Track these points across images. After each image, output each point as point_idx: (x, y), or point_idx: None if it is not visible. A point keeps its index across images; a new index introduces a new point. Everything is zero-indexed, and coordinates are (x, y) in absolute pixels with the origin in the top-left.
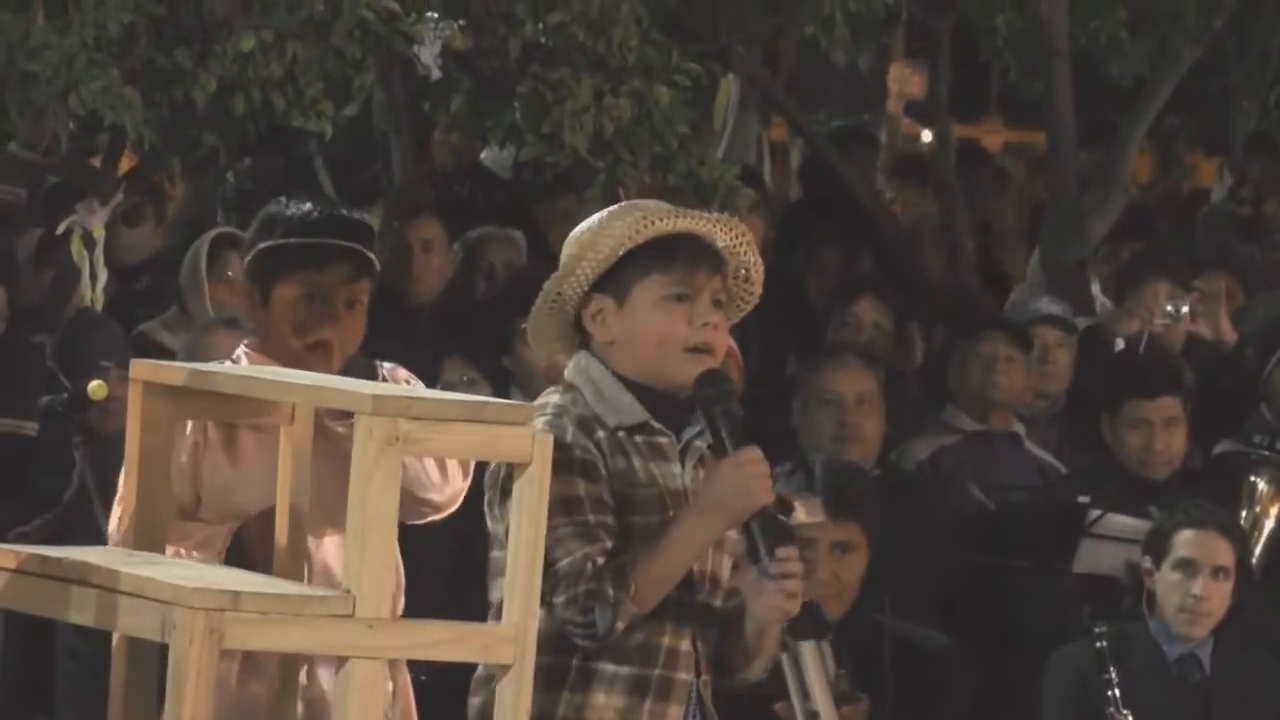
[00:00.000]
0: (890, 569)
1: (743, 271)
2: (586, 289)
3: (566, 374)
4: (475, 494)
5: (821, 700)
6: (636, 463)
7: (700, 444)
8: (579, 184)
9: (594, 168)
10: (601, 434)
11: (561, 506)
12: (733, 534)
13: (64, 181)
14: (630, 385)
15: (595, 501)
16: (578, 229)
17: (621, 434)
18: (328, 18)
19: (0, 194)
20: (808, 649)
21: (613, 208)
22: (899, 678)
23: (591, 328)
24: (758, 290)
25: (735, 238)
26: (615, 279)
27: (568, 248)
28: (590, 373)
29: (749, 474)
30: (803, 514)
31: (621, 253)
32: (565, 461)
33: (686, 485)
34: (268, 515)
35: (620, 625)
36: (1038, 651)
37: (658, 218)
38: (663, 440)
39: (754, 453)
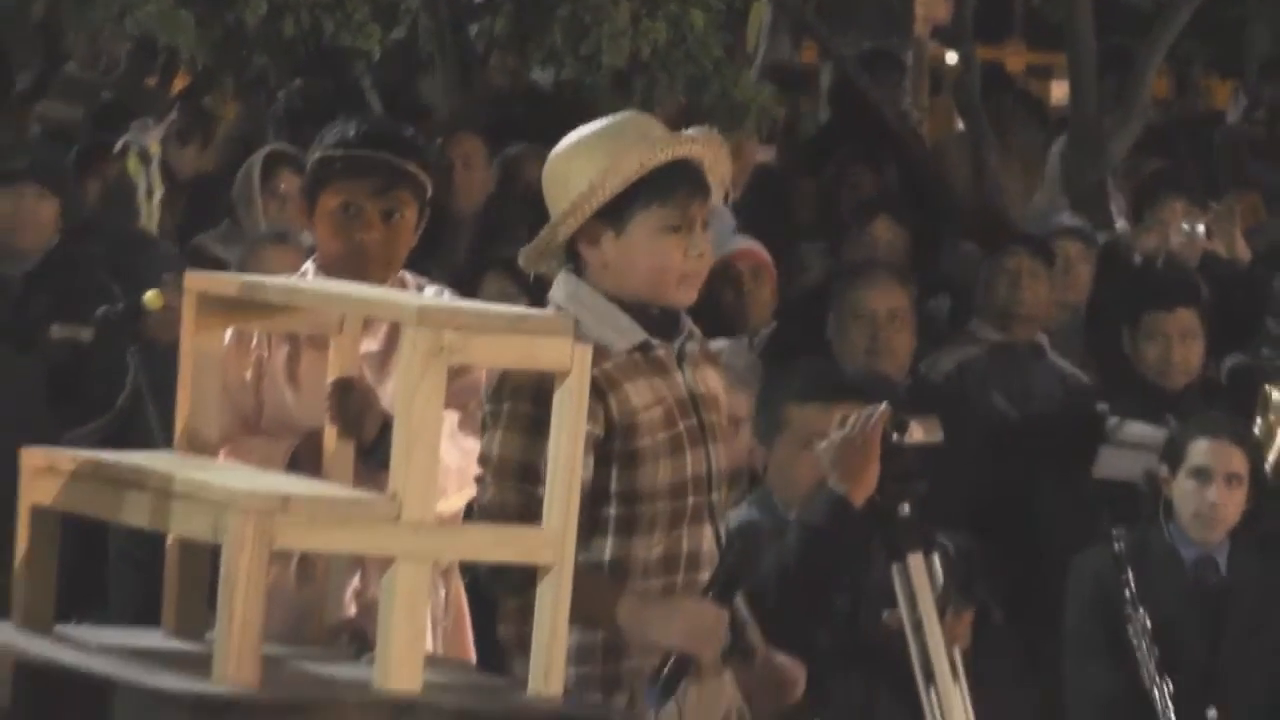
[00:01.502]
0: None
1: (721, 187)
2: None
3: (557, 299)
4: None
5: (925, 610)
6: (641, 383)
7: (693, 346)
8: (615, 106)
9: (631, 89)
10: (605, 364)
11: (518, 468)
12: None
13: (119, 100)
14: (623, 306)
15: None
16: (577, 146)
17: (623, 357)
18: None
19: (57, 111)
20: (914, 561)
21: (610, 128)
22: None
23: (586, 252)
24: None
25: (717, 154)
26: (614, 207)
27: (574, 168)
28: (583, 298)
29: (715, 631)
30: (920, 433)
31: (629, 183)
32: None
33: (690, 388)
34: (319, 435)
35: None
36: (1060, 555)
37: (661, 148)
38: (660, 354)
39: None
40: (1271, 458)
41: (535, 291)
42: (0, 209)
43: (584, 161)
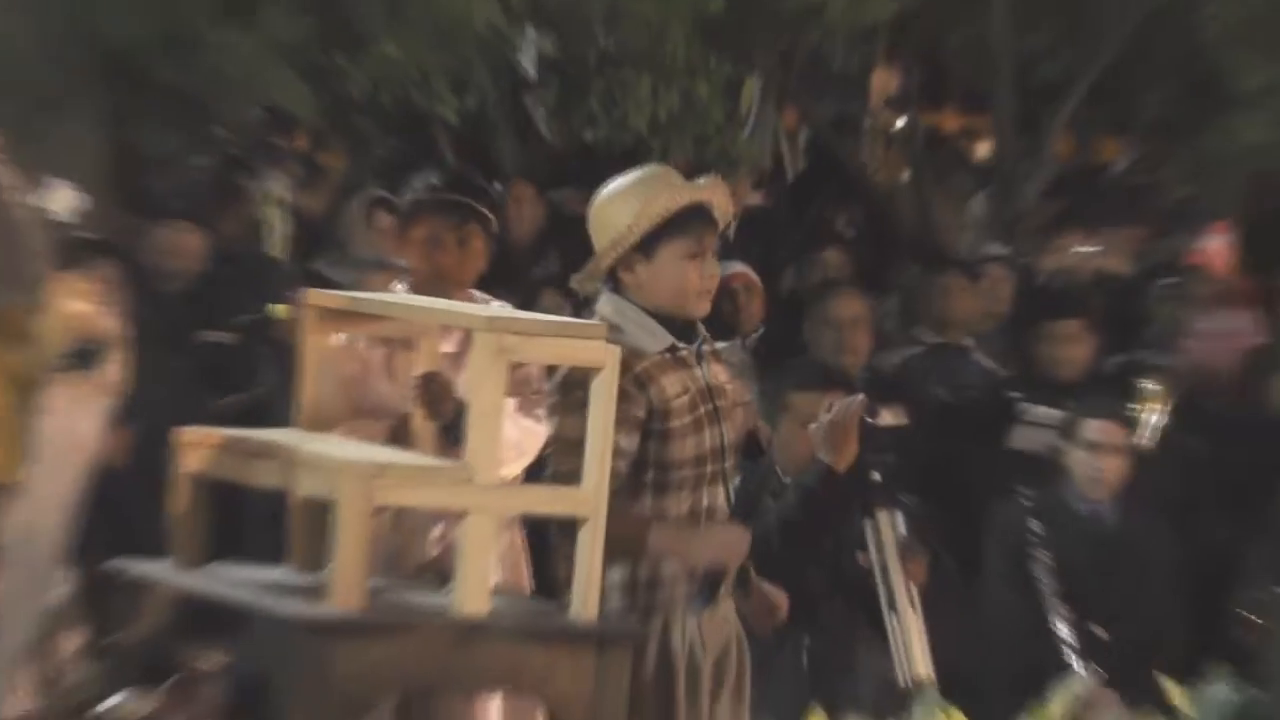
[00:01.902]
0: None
1: (726, 222)
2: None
3: (604, 313)
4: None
5: (890, 554)
6: (672, 376)
7: (706, 348)
8: (639, 159)
9: (650, 146)
10: (646, 363)
11: (578, 443)
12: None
13: (255, 155)
14: (653, 317)
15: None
16: (616, 194)
17: (657, 356)
18: (453, 27)
19: (197, 161)
20: (883, 516)
21: (641, 179)
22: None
23: (624, 275)
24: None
25: (722, 197)
26: (646, 241)
27: (613, 212)
28: (625, 312)
29: (739, 546)
30: (888, 418)
31: (658, 223)
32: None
33: (707, 380)
34: (409, 417)
35: None
36: (986, 510)
37: (682, 191)
38: (684, 354)
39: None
40: (1145, 435)
41: (581, 305)
42: (161, 240)
43: (621, 206)
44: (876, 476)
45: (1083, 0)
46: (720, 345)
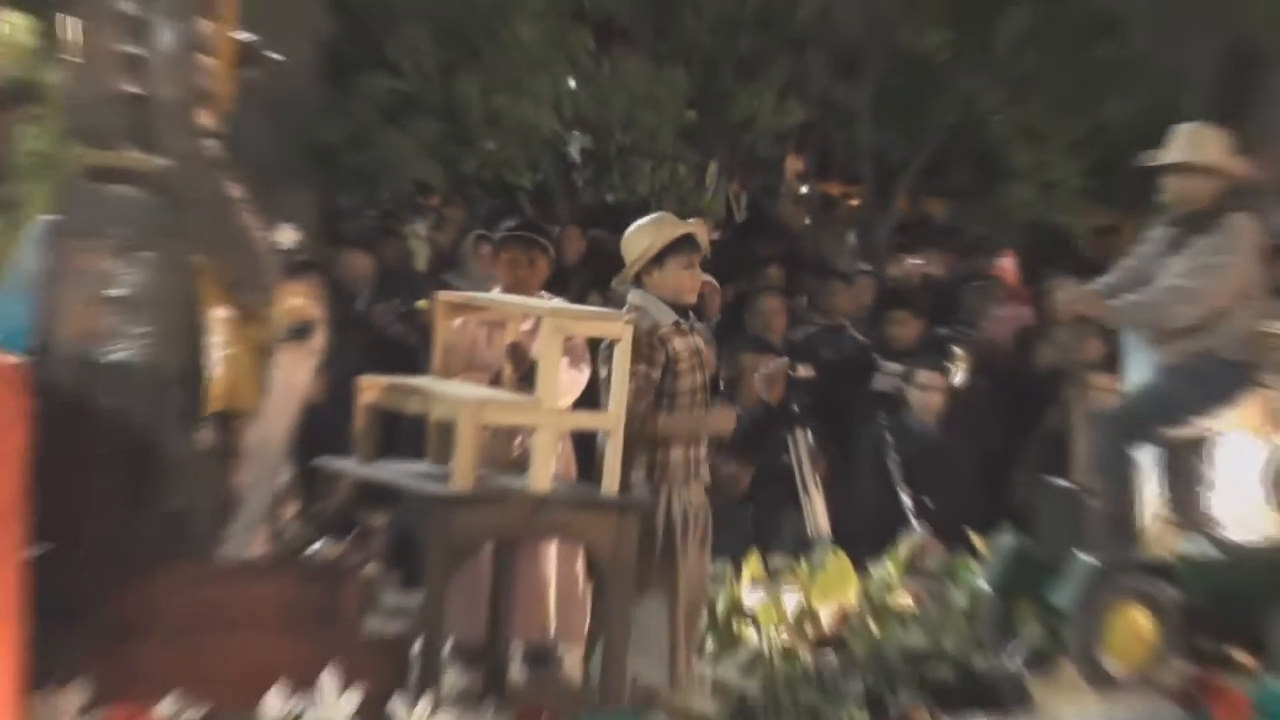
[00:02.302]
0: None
1: (705, 248)
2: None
3: (633, 301)
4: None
5: (804, 457)
6: (679, 343)
7: (695, 325)
8: (645, 211)
9: (650, 204)
10: (663, 331)
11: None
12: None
13: (406, 208)
14: (665, 303)
15: (648, 370)
16: (640, 228)
17: (669, 327)
18: (528, 131)
19: (369, 212)
20: (800, 434)
21: (655, 220)
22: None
23: (645, 279)
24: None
25: (703, 232)
26: (658, 257)
27: (639, 239)
28: (648, 301)
29: (731, 418)
30: (804, 372)
31: (666, 245)
32: (638, 349)
33: (695, 345)
34: (502, 370)
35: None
36: (858, 429)
37: (680, 227)
38: (683, 326)
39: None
40: (955, 380)
41: (608, 302)
42: (347, 261)
43: (643, 235)
44: (795, 408)
45: (915, 111)
46: (699, 324)
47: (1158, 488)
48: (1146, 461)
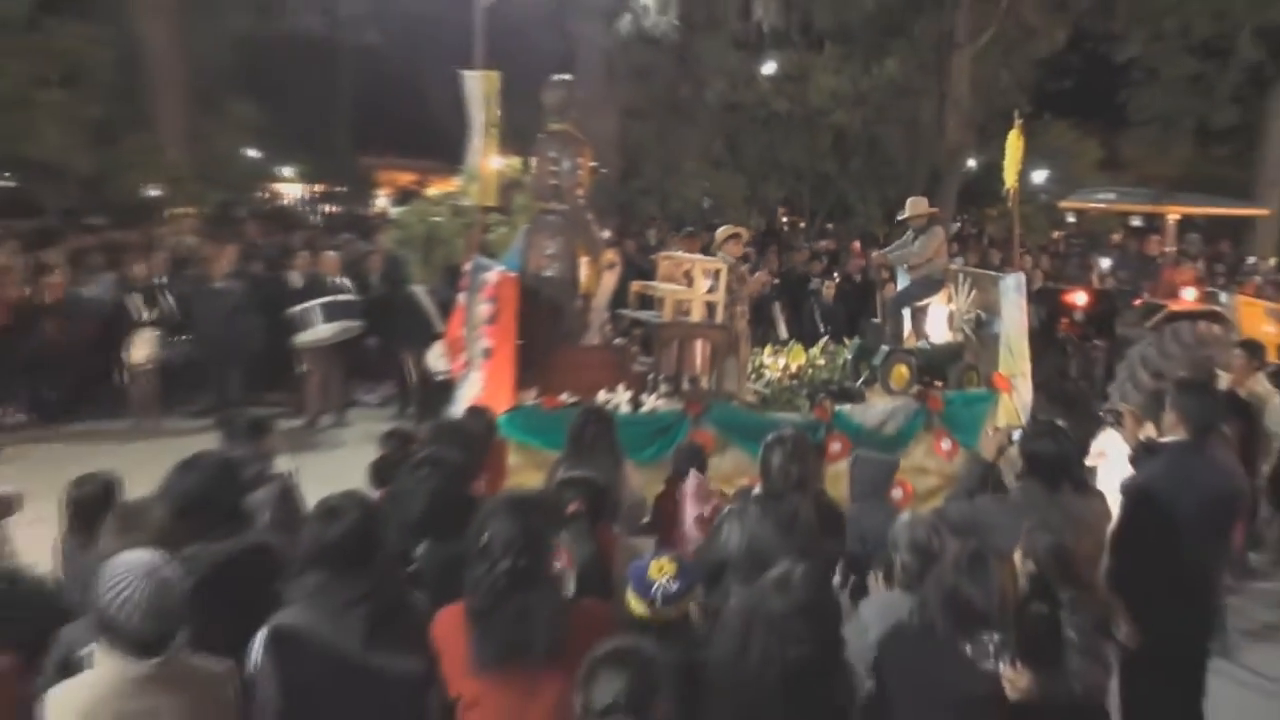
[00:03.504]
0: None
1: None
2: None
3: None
4: None
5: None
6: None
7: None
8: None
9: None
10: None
11: None
12: None
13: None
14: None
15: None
16: (721, 230)
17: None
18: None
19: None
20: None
21: (724, 228)
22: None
23: (719, 251)
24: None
25: (741, 236)
26: (725, 242)
27: (721, 234)
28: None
29: None
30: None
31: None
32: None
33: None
34: None
35: None
36: None
37: (735, 229)
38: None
39: None
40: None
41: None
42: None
43: (723, 232)
44: None
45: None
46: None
47: (909, 325)
48: (905, 314)
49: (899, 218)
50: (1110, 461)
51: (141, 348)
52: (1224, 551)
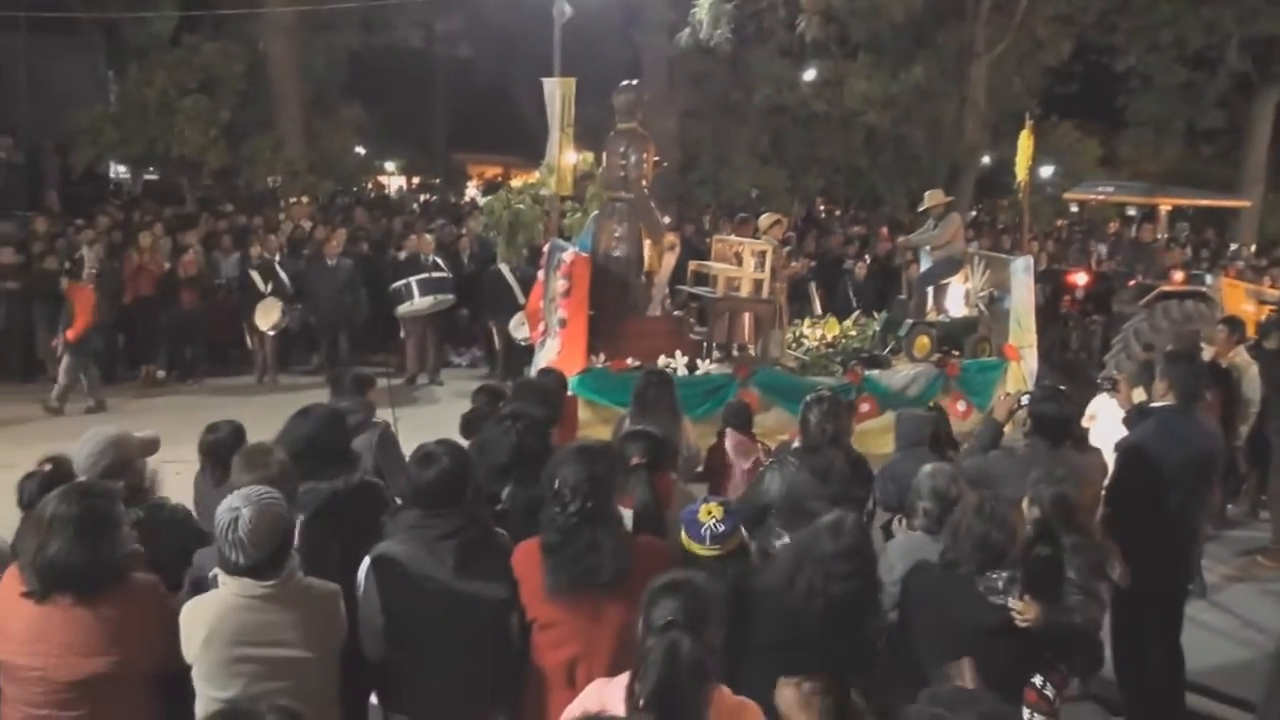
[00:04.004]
0: None
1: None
2: None
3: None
4: None
5: None
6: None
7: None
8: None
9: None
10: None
11: None
12: None
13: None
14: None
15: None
16: (764, 216)
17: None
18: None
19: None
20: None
21: (768, 214)
22: None
23: (763, 235)
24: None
25: (783, 222)
26: (770, 227)
27: (765, 221)
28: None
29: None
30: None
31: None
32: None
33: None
34: None
35: None
36: None
37: (776, 216)
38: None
39: None
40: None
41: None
42: None
43: (766, 219)
44: None
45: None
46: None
47: (931, 300)
48: (928, 291)
49: (920, 208)
50: (1100, 423)
51: (266, 315)
52: (1205, 503)
